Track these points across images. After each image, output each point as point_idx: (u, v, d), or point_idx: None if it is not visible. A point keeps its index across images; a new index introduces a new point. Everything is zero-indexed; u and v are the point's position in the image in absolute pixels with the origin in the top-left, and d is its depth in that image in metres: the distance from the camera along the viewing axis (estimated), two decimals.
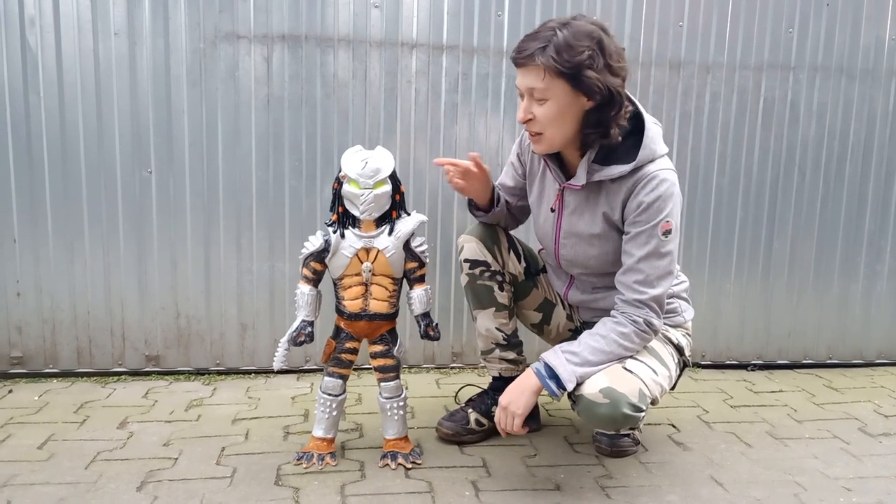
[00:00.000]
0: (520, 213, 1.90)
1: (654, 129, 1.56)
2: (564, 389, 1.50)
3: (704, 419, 2.07)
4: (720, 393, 2.30)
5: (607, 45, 1.47)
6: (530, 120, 1.52)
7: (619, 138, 1.53)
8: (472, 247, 1.81)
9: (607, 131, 1.51)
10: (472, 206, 1.84)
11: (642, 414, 1.50)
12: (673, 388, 1.71)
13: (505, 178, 1.85)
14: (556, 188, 1.67)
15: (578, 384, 1.50)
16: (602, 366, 1.51)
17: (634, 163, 1.53)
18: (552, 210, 1.69)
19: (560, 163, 1.66)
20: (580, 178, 1.58)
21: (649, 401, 1.52)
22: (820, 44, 2.44)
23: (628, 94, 1.54)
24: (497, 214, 1.83)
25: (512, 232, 1.91)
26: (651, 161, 1.54)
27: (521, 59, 1.48)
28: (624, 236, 1.58)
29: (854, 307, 2.61)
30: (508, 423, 1.53)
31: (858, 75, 2.47)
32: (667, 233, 1.53)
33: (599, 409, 1.47)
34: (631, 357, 1.56)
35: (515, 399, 1.53)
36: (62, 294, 2.22)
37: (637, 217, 1.54)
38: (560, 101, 1.48)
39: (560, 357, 1.52)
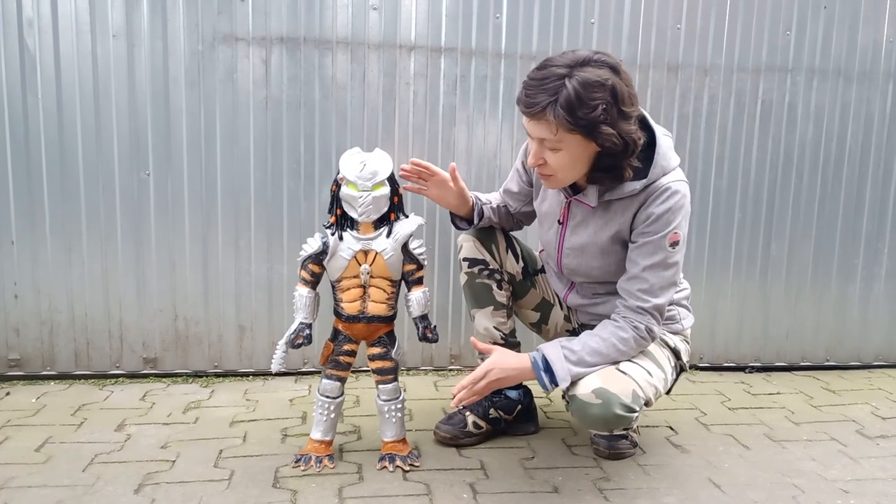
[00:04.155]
0: (525, 218, 1.89)
1: (665, 143, 1.55)
2: (556, 385, 1.51)
3: (702, 421, 2.07)
4: (718, 395, 2.31)
5: (620, 91, 1.41)
6: (542, 164, 1.50)
7: (632, 173, 1.51)
8: (470, 245, 1.82)
9: (620, 174, 1.50)
10: (454, 218, 1.85)
11: (634, 415, 1.50)
12: (669, 391, 1.72)
13: (510, 183, 1.84)
14: (563, 200, 1.66)
15: (572, 383, 1.50)
16: (597, 367, 1.52)
17: (645, 180, 1.52)
18: (559, 222, 1.69)
19: None
20: (591, 200, 1.57)
21: (643, 402, 1.53)
22: (817, 46, 2.45)
23: (640, 109, 1.50)
24: (483, 226, 1.83)
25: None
26: (663, 175, 1.53)
27: (529, 112, 1.43)
28: (630, 244, 1.58)
29: (852, 309, 2.61)
30: (479, 387, 1.51)
31: (856, 77, 2.48)
32: (674, 244, 1.54)
33: (592, 409, 1.47)
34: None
35: (503, 375, 1.52)
36: (60, 296, 2.22)
37: (646, 228, 1.54)
38: (573, 150, 1.46)
39: (559, 353, 1.52)
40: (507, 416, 1.90)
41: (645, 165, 1.52)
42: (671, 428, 2.01)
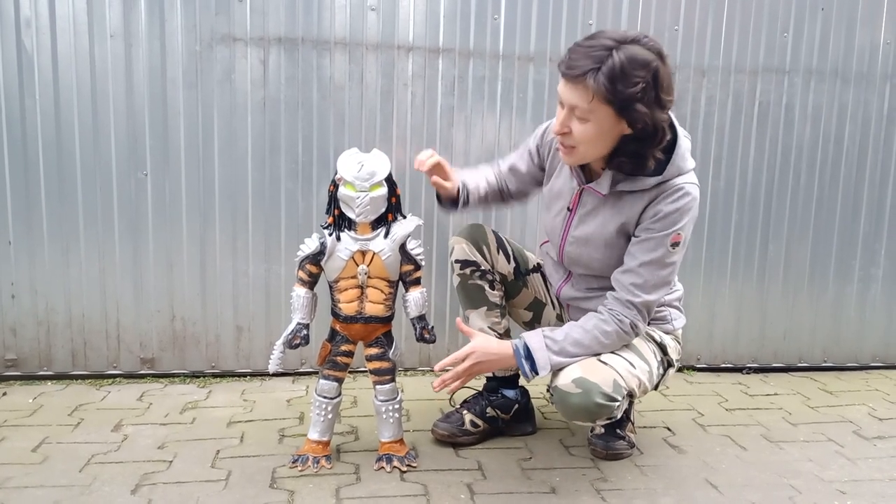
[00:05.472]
0: (518, 198, 1.88)
1: (684, 145, 1.55)
2: (536, 373, 1.53)
3: (699, 422, 2.07)
4: (715, 396, 2.31)
5: (662, 77, 1.41)
6: (566, 133, 1.49)
7: (654, 165, 1.50)
8: (461, 248, 1.83)
9: (643, 162, 1.50)
10: (439, 197, 1.82)
11: (616, 404, 1.51)
12: (656, 387, 1.72)
13: (519, 162, 1.82)
14: (574, 187, 1.66)
15: (553, 373, 1.53)
16: (578, 358, 1.54)
17: (660, 178, 1.52)
18: (568, 209, 1.69)
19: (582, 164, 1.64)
20: (603, 187, 1.58)
21: (625, 392, 1.54)
22: (815, 48, 2.45)
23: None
24: (470, 208, 1.82)
25: (506, 232, 1.91)
26: (678, 175, 1.54)
27: (570, 74, 1.41)
28: (633, 238, 1.59)
29: (849, 310, 2.62)
30: (461, 368, 1.55)
31: (853, 79, 2.48)
32: (675, 244, 1.55)
33: (572, 399, 1.50)
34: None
35: (485, 359, 1.56)
36: (57, 296, 2.21)
37: (651, 224, 1.54)
38: (602, 124, 1.45)
39: (541, 341, 1.55)
40: (504, 415, 1.90)
41: (662, 164, 1.52)
42: (668, 429, 2.01)
